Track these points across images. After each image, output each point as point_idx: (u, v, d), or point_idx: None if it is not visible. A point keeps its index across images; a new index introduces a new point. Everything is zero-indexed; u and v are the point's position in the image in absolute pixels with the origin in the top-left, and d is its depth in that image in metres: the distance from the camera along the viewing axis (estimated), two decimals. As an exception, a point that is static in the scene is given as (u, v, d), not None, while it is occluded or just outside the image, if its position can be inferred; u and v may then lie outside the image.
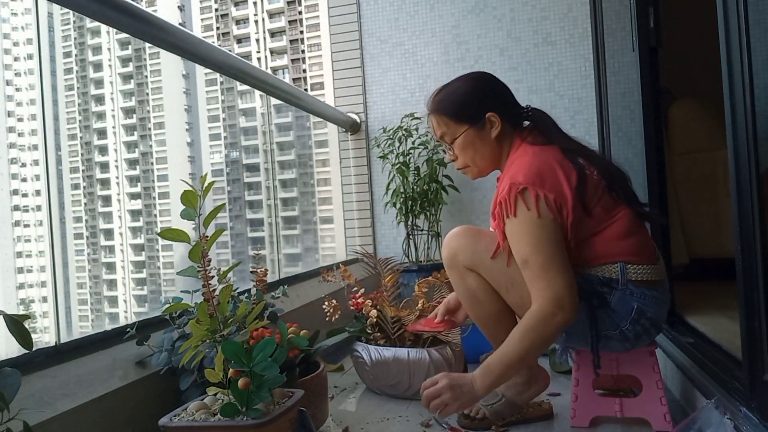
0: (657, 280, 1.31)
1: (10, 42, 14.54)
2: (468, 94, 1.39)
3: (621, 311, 1.29)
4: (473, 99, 1.39)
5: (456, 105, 1.40)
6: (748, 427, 1.05)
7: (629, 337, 1.30)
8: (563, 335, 1.33)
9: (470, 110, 1.38)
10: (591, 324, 1.30)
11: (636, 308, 1.28)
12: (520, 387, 1.48)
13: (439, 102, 1.42)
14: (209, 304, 1.15)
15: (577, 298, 1.23)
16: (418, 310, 1.80)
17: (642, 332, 1.30)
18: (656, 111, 1.95)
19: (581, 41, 2.88)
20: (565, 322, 1.21)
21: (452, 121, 1.40)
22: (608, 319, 1.30)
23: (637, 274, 1.29)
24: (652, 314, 1.30)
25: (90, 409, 1.14)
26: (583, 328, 1.31)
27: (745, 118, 1.03)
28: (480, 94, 1.39)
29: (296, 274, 2.52)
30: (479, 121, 1.37)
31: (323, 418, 1.50)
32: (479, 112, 1.37)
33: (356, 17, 3.24)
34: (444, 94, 1.43)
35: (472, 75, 1.45)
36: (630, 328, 1.29)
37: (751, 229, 1.03)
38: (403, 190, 2.89)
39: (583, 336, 1.32)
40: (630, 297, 1.28)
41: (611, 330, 1.30)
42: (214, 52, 1.91)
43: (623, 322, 1.29)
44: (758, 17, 1.00)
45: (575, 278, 1.24)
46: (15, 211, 12.78)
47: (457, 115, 1.39)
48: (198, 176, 1.65)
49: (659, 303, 1.31)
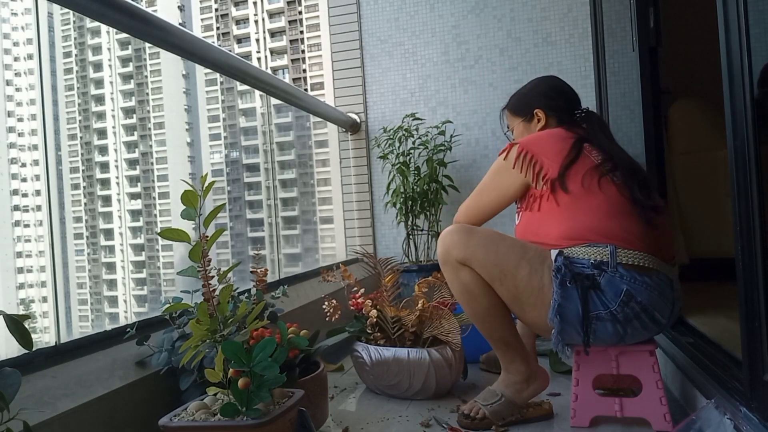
0: (649, 267, 1.33)
1: (10, 42, 14.54)
2: (525, 94, 1.69)
3: (610, 293, 1.32)
4: (529, 99, 1.66)
5: (515, 101, 1.70)
6: (748, 427, 1.05)
7: (619, 319, 1.33)
8: (557, 317, 1.34)
9: (523, 106, 1.67)
10: (582, 305, 1.33)
11: (625, 291, 1.32)
12: (518, 386, 1.49)
13: (510, 99, 1.74)
14: (209, 304, 1.15)
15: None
16: (418, 310, 1.80)
17: (633, 316, 1.32)
18: (656, 111, 1.95)
19: (581, 41, 2.88)
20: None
21: (511, 114, 1.71)
22: (599, 300, 1.33)
23: (627, 258, 1.32)
24: (643, 299, 1.32)
25: (90, 409, 1.14)
26: (575, 309, 1.33)
27: (745, 118, 1.03)
28: (534, 93, 1.66)
29: (296, 274, 2.52)
30: (528, 115, 1.65)
31: (323, 418, 1.50)
32: (530, 108, 1.64)
33: (356, 17, 3.24)
34: (516, 93, 1.73)
35: (540, 78, 1.72)
36: (619, 310, 1.32)
37: (751, 229, 1.03)
38: (403, 190, 2.89)
39: (575, 316, 1.34)
40: (620, 280, 1.32)
41: (601, 310, 1.33)
42: (214, 52, 1.91)
43: (612, 304, 1.32)
44: (758, 17, 1.00)
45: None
46: (15, 211, 12.79)
47: (515, 110, 1.70)
48: (198, 176, 1.65)
49: (651, 290, 1.32)
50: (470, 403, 1.51)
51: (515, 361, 1.49)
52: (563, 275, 1.33)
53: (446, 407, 1.64)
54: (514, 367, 1.49)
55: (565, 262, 1.34)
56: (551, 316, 1.35)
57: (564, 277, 1.33)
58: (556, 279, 1.34)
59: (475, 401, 1.50)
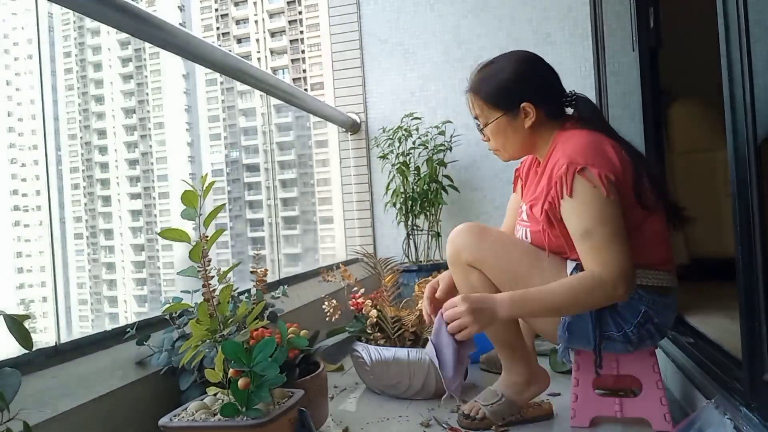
0: (669, 287, 1.30)
1: (10, 42, 14.53)
2: (507, 80, 1.34)
3: (627, 314, 1.28)
4: (512, 86, 1.34)
5: (493, 90, 1.35)
6: (748, 427, 1.05)
7: (632, 340, 1.29)
8: (566, 334, 1.32)
9: (507, 97, 1.34)
10: (594, 324, 1.29)
11: (643, 312, 1.27)
12: (519, 386, 1.48)
13: (479, 82, 1.38)
14: (209, 304, 1.15)
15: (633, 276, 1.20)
16: (418, 310, 1.80)
17: (646, 336, 1.30)
18: (656, 111, 1.95)
19: (581, 41, 2.88)
20: (622, 297, 1.19)
21: (486, 106, 1.37)
22: (613, 321, 1.29)
23: (649, 279, 1.27)
24: (659, 320, 1.29)
25: (90, 409, 1.14)
26: (586, 327, 1.30)
27: (745, 118, 1.03)
28: (519, 81, 1.34)
29: (296, 274, 2.52)
30: (514, 109, 1.34)
31: (323, 418, 1.50)
32: (515, 100, 1.33)
33: (356, 17, 3.24)
34: (485, 74, 1.37)
35: (518, 57, 1.38)
36: (635, 332, 1.28)
37: (751, 229, 1.03)
38: (403, 190, 2.89)
39: (585, 335, 1.31)
40: (638, 301, 1.27)
41: (615, 332, 1.29)
42: (214, 52, 1.91)
43: (628, 325, 1.28)
44: (758, 17, 1.00)
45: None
46: (15, 211, 12.78)
47: (493, 101, 1.35)
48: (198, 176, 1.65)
49: (668, 309, 1.30)
50: (470, 403, 1.51)
51: (517, 363, 1.48)
52: None
53: (446, 407, 1.64)
54: (516, 368, 1.49)
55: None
56: (560, 333, 1.32)
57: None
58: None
59: (476, 401, 1.50)
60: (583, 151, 1.24)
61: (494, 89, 1.35)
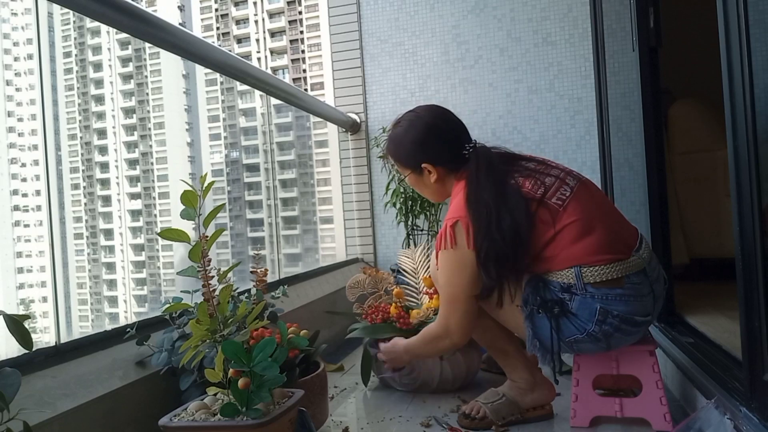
0: (619, 277, 1.27)
1: (10, 42, 14.53)
2: (405, 145, 1.49)
3: (583, 315, 1.28)
4: (410, 151, 1.48)
5: (397, 154, 1.52)
6: (748, 427, 1.05)
7: (599, 338, 1.29)
8: (537, 346, 1.34)
9: (408, 160, 1.49)
10: (551, 333, 1.30)
11: (599, 309, 1.27)
12: (521, 390, 1.49)
13: (388, 143, 1.55)
14: (209, 304, 1.15)
15: (468, 329, 1.40)
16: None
17: (612, 330, 1.28)
18: (656, 111, 1.95)
19: (581, 41, 2.88)
20: (451, 346, 1.44)
21: (397, 164, 1.54)
22: (572, 325, 1.29)
23: (593, 276, 1.27)
24: (621, 312, 1.26)
25: (90, 409, 1.14)
26: (547, 335, 1.31)
27: (745, 118, 1.03)
28: (418, 145, 1.46)
29: (296, 274, 2.52)
30: (417, 169, 1.48)
31: (323, 418, 1.50)
32: (417, 162, 1.47)
33: (356, 17, 3.24)
34: (392, 136, 1.53)
35: (413, 122, 1.48)
36: (597, 329, 1.28)
37: (751, 229, 1.03)
38: (402, 190, 2.89)
39: (548, 342, 1.31)
40: (591, 300, 1.27)
41: (579, 334, 1.29)
42: (214, 52, 1.91)
43: (588, 325, 1.28)
44: (758, 17, 1.00)
45: (474, 309, 1.39)
46: (15, 211, 12.78)
47: (399, 162, 1.53)
48: (198, 176, 1.65)
49: (627, 299, 1.27)
50: (471, 403, 1.51)
51: (517, 369, 1.49)
52: (531, 305, 1.30)
53: (446, 407, 1.64)
54: (517, 374, 1.50)
55: (532, 291, 1.31)
56: (529, 347, 1.35)
57: (532, 306, 1.30)
58: (524, 311, 1.32)
59: (476, 401, 1.50)
60: (451, 211, 1.39)
61: (398, 153, 1.52)
